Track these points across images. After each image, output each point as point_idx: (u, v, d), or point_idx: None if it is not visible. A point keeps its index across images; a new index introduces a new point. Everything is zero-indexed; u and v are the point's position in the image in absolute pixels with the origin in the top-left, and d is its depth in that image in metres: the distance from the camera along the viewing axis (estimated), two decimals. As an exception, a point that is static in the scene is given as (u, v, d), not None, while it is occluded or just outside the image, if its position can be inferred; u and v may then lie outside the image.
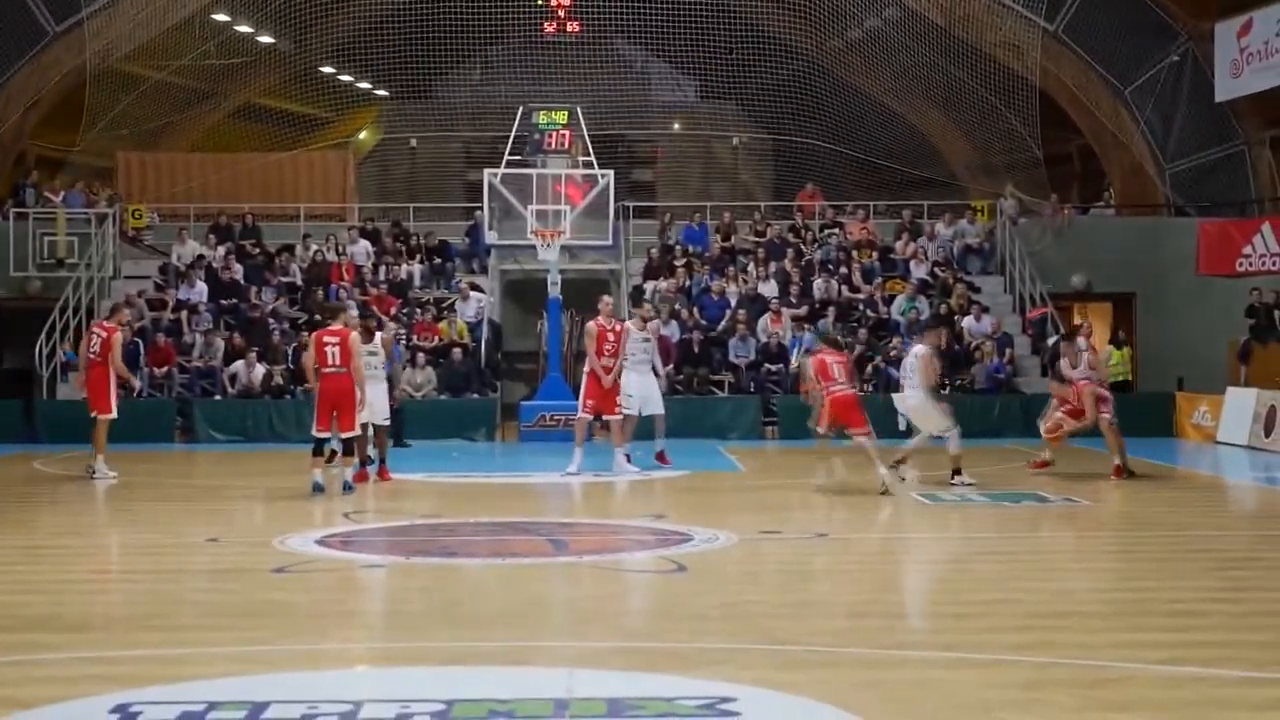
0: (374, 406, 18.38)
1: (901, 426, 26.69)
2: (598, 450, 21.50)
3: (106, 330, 20.24)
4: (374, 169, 40.01)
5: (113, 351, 19.89)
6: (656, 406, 20.95)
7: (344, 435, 17.48)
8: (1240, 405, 25.13)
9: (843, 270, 31.14)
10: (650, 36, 36.69)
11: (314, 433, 17.49)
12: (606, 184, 27.14)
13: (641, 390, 20.68)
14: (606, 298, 21.47)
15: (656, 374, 21.26)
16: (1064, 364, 19.52)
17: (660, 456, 20.74)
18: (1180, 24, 33.50)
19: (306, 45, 37.54)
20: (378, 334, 19.43)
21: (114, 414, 19.98)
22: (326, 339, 17.37)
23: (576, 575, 11.85)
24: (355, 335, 17.55)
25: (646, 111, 39.73)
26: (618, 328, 20.06)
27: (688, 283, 30.72)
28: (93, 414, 20.00)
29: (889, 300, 30.30)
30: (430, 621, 9.79)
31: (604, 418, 20.43)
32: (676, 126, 41.29)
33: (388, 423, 19.52)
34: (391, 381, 20.56)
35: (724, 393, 28.29)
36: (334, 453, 18.45)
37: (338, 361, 17.22)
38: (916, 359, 18.33)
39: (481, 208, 28.57)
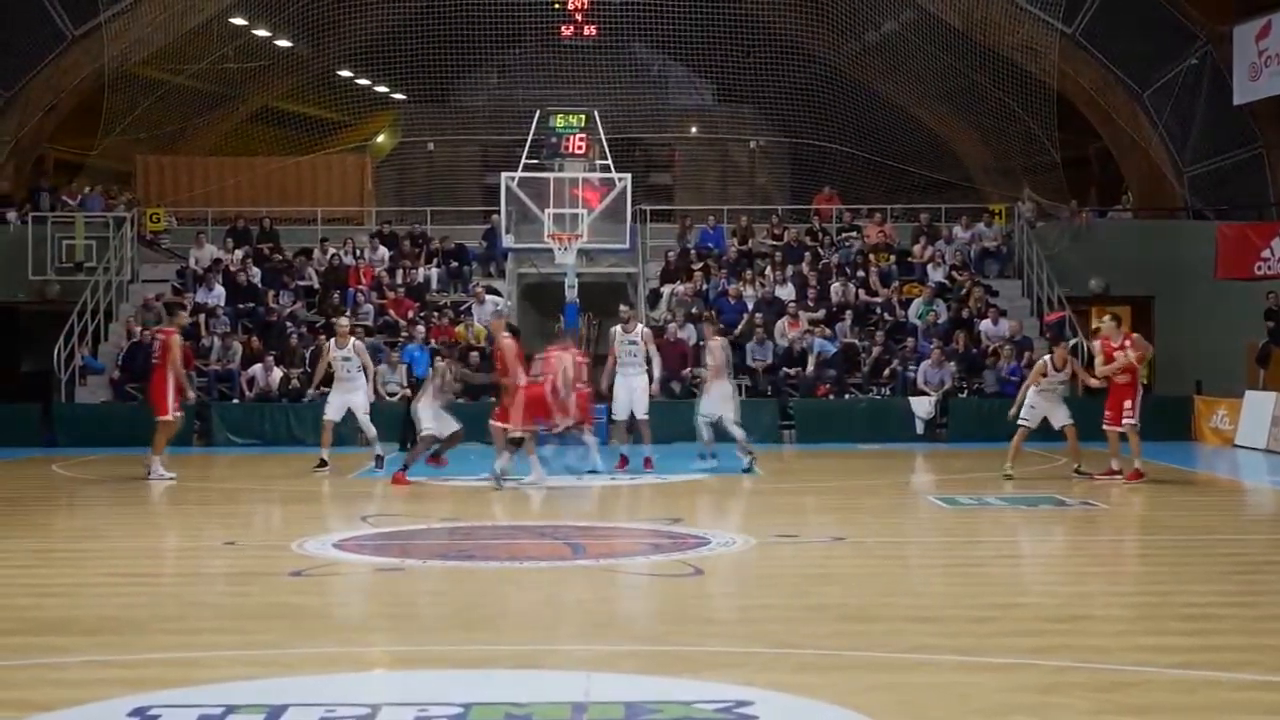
0: (442, 419, 19.26)
1: (919, 430, 26.87)
2: (616, 454, 21.51)
3: (164, 333, 20.60)
4: (391, 172, 40.09)
5: (171, 354, 20.14)
6: (640, 411, 20.84)
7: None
8: (1259, 408, 25.08)
9: (860, 273, 31.13)
10: (667, 40, 36.72)
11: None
12: (624, 187, 27.13)
13: (623, 394, 20.61)
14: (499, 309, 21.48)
15: (651, 379, 21.10)
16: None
17: (647, 462, 20.70)
18: (1198, 27, 33.43)
19: (324, 49, 37.64)
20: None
21: (171, 416, 20.17)
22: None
23: (593, 579, 11.84)
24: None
25: (663, 115, 39.77)
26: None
27: (705, 286, 30.71)
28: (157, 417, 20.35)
29: (906, 303, 30.27)
30: (447, 625, 9.80)
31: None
32: (694, 130, 41.32)
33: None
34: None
35: (741, 396, 28.24)
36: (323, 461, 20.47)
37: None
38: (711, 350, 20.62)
39: (499, 211, 28.57)
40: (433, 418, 19.28)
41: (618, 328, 21.23)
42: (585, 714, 7.23)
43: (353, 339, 21.78)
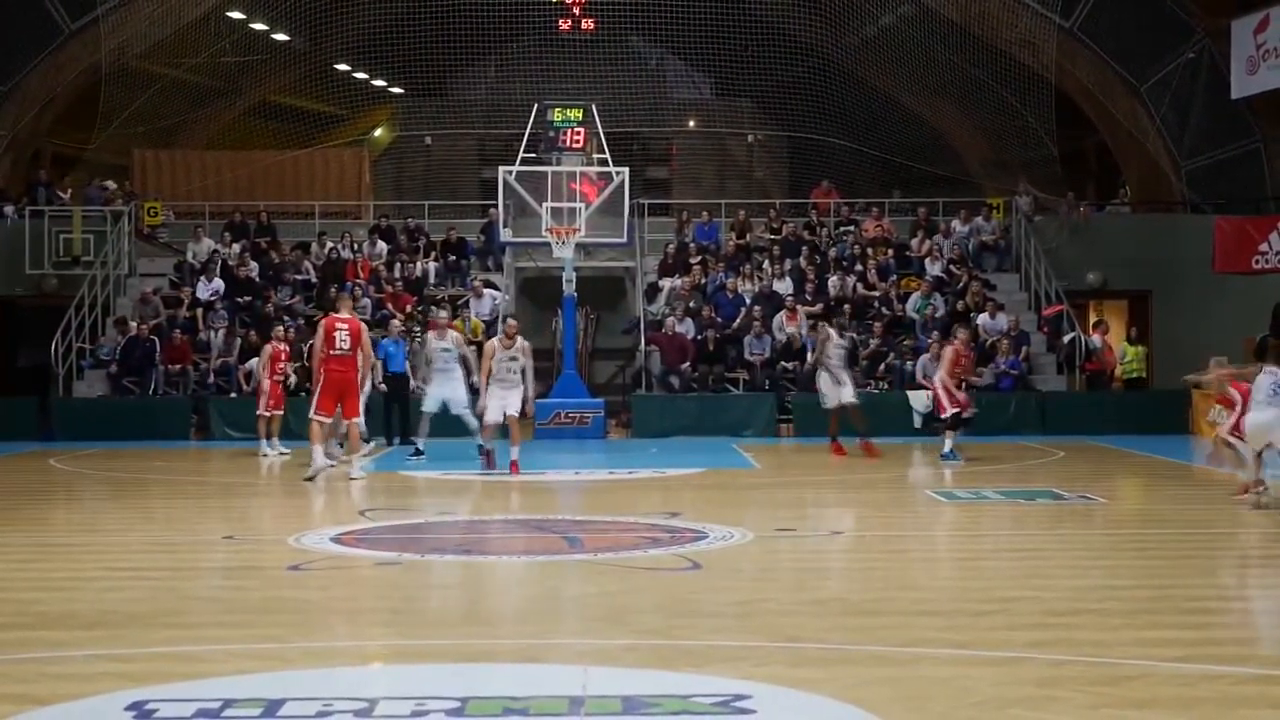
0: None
1: (917, 424, 26.86)
2: (614, 448, 21.49)
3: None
4: (389, 166, 40.05)
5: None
6: (512, 409, 19.45)
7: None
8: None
9: (858, 267, 31.12)
10: (665, 34, 36.70)
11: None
12: (621, 181, 27.13)
13: (497, 403, 19.39)
14: (342, 294, 22.16)
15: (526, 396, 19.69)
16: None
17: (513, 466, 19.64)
18: (1196, 20, 33.39)
19: (321, 43, 37.60)
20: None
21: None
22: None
23: (591, 572, 11.83)
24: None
25: (661, 108, 39.73)
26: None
27: (703, 280, 30.70)
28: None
29: (904, 298, 30.26)
30: (445, 619, 9.80)
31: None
32: (691, 123, 41.29)
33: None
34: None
35: (739, 390, 28.28)
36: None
37: None
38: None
39: (496, 205, 28.56)
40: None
41: (495, 340, 19.97)
42: (583, 708, 7.22)
43: (452, 330, 21.79)
